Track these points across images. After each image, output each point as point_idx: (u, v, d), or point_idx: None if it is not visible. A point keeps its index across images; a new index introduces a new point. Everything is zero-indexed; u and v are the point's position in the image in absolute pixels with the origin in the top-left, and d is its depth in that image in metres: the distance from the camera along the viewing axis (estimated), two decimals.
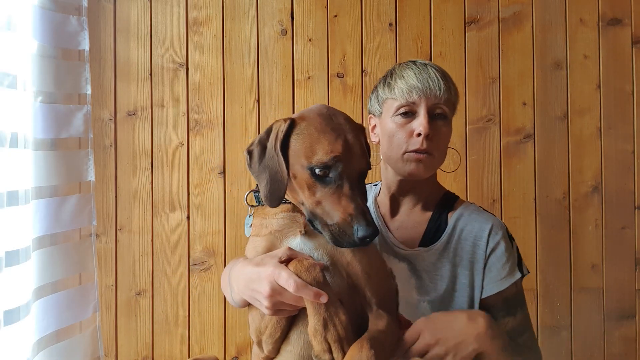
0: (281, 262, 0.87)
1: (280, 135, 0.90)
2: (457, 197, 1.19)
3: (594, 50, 1.75)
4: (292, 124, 0.91)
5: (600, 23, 1.74)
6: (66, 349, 1.49)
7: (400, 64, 1.14)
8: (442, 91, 1.06)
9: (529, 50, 1.75)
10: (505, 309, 1.07)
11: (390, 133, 1.09)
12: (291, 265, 0.85)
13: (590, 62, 1.74)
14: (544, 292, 1.73)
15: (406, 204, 1.17)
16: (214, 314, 1.74)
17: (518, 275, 1.09)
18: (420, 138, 1.05)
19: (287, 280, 0.82)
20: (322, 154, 0.86)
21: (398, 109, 1.08)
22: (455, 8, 1.75)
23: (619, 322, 1.73)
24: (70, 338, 1.51)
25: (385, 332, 0.88)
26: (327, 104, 1.73)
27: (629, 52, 1.74)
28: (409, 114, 1.07)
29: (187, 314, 1.74)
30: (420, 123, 1.05)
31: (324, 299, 0.82)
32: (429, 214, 1.15)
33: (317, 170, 0.86)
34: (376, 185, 1.25)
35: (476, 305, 1.09)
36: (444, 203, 1.16)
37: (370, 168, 0.91)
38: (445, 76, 1.09)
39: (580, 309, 1.73)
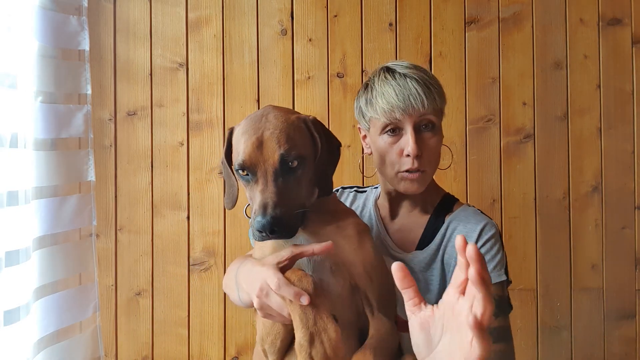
0: (284, 261, 0.87)
1: (225, 143, 0.97)
2: (457, 199, 1.18)
3: (594, 50, 1.74)
4: (232, 132, 0.96)
5: (600, 23, 1.74)
6: (66, 349, 1.49)
7: (379, 75, 1.09)
8: (425, 106, 1.03)
9: (529, 50, 1.75)
10: None
11: (381, 152, 1.08)
12: (286, 274, 0.85)
13: (590, 62, 1.74)
14: (544, 292, 1.73)
15: (405, 207, 1.16)
16: (214, 314, 1.74)
17: (503, 277, 1.04)
18: (410, 158, 1.04)
19: (272, 278, 0.83)
20: (238, 155, 0.90)
21: (384, 127, 1.06)
22: (455, 8, 1.74)
23: (619, 322, 1.73)
24: (70, 338, 1.51)
25: (386, 339, 0.88)
26: (327, 104, 1.74)
27: (629, 52, 1.74)
28: (396, 130, 1.06)
29: (187, 314, 1.74)
30: (407, 143, 1.03)
31: (304, 300, 0.80)
32: (427, 216, 1.14)
33: (239, 171, 0.90)
34: (377, 187, 1.25)
35: None
36: (442, 206, 1.15)
37: (287, 157, 0.87)
38: (427, 85, 1.05)
39: (580, 309, 1.73)
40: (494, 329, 1.00)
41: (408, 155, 1.04)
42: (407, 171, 1.06)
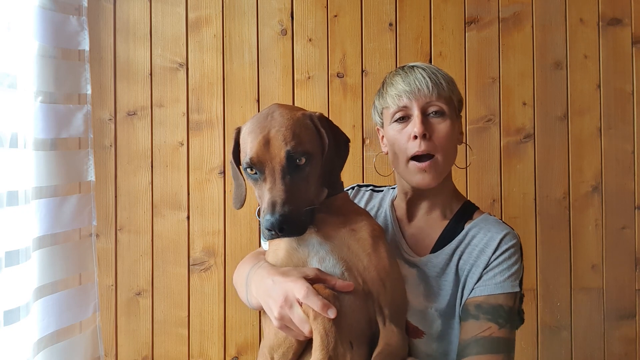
0: (307, 279, 0.86)
1: (232, 143, 0.97)
2: (477, 207, 1.16)
3: (594, 50, 1.74)
4: (239, 131, 0.97)
5: (600, 23, 1.74)
6: (66, 349, 1.49)
7: (390, 72, 1.15)
8: (430, 89, 1.05)
9: (529, 50, 1.75)
10: (492, 314, 1.00)
11: (392, 141, 1.09)
12: (314, 286, 0.84)
13: (590, 62, 1.74)
14: (544, 292, 1.73)
15: (423, 209, 1.14)
16: (214, 314, 1.74)
17: (517, 288, 1.03)
18: (418, 140, 1.04)
19: (300, 287, 0.82)
20: (246, 154, 0.90)
21: (393, 115, 1.09)
22: (455, 8, 1.74)
23: (619, 322, 1.73)
24: (70, 338, 1.51)
25: (396, 353, 0.87)
26: (327, 104, 1.74)
27: (629, 52, 1.74)
28: (405, 118, 1.08)
29: (187, 314, 1.74)
30: (414, 124, 1.05)
31: (331, 312, 0.79)
32: (446, 222, 1.12)
33: (247, 170, 0.91)
34: (394, 188, 1.23)
35: (459, 309, 1.04)
36: (463, 213, 1.13)
37: (294, 154, 0.88)
38: (434, 73, 1.09)
39: (580, 309, 1.73)
40: (496, 339, 0.99)
41: (415, 137, 1.04)
42: (416, 159, 1.05)
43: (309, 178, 0.91)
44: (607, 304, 1.73)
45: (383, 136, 1.17)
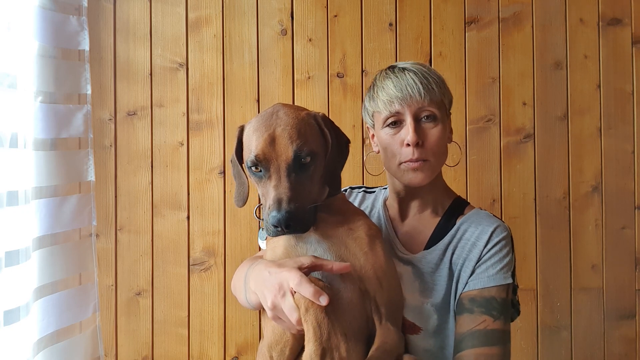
0: (304, 268, 0.86)
1: (234, 141, 0.97)
2: (468, 203, 1.18)
3: (594, 50, 1.75)
4: (242, 130, 0.97)
5: (600, 23, 1.74)
6: (66, 349, 1.49)
7: (381, 73, 1.14)
8: (422, 95, 1.05)
9: (529, 50, 1.75)
10: (485, 306, 1.01)
11: (384, 145, 1.10)
12: (310, 278, 0.85)
13: (590, 62, 1.74)
14: (544, 292, 1.73)
15: (415, 208, 1.15)
16: (214, 314, 1.74)
17: (509, 280, 1.04)
18: (410, 148, 1.05)
19: (293, 276, 0.82)
20: (250, 152, 0.91)
21: (385, 120, 1.08)
22: (455, 8, 1.74)
23: (619, 322, 1.73)
24: (70, 338, 1.51)
25: (391, 351, 0.87)
26: (327, 104, 1.74)
27: (629, 52, 1.74)
28: (397, 122, 1.07)
29: (187, 314, 1.74)
30: (407, 132, 1.05)
31: (323, 300, 0.80)
32: (438, 219, 1.13)
33: (252, 168, 0.91)
34: (386, 188, 1.25)
35: (454, 304, 1.05)
36: (454, 208, 1.14)
37: (300, 152, 0.88)
38: (425, 76, 1.07)
39: (580, 309, 1.73)
40: (491, 332, 0.99)
41: (408, 145, 1.05)
42: (409, 161, 1.06)
43: (312, 177, 0.92)
44: (607, 304, 1.73)
45: (374, 135, 1.18)
